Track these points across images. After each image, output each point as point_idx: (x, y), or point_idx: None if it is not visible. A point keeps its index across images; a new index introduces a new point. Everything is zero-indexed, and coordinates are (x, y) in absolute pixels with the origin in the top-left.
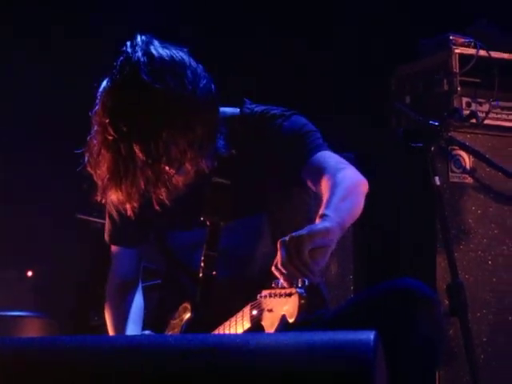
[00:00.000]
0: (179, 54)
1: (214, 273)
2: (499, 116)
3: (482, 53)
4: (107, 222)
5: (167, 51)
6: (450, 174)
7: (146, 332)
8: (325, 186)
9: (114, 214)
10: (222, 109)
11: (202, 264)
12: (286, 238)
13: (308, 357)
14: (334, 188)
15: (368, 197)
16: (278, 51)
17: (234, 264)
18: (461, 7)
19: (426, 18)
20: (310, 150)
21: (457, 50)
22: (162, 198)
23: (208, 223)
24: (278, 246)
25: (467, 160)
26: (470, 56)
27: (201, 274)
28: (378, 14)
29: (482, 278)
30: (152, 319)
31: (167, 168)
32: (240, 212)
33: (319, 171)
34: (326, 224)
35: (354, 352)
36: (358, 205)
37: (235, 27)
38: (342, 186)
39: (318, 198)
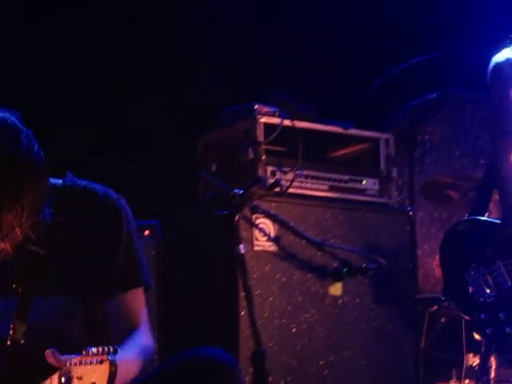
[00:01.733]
0: (11, 119)
1: (22, 341)
2: (303, 185)
3: (287, 122)
4: None
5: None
6: (255, 242)
7: None
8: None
9: None
10: None
11: (11, 332)
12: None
13: None
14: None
15: (173, 263)
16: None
17: (44, 336)
18: (262, 78)
19: (232, 86)
20: (131, 281)
21: (262, 119)
22: None
23: (20, 291)
24: None
25: (272, 228)
26: (275, 125)
27: (9, 342)
28: (186, 80)
29: (287, 345)
30: None
31: None
32: (53, 286)
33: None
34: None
35: None
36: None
37: None
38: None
39: None
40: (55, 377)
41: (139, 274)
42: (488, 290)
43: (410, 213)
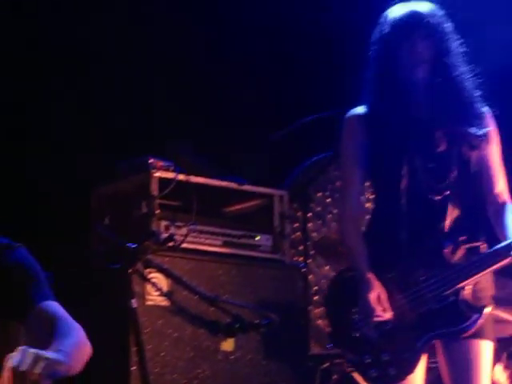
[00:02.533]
0: None
1: None
2: (197, 239)
3: (181, 177)
4: None
5: None
6: (147, 296)
7: None
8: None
9: None
10: None
11: None
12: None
13: None
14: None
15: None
16: None
17: None
18: (158, 130)
19: (126, 139)
20: (40, 296)
21: (156, 174)
22: None
23: None
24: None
25: (164, 283)
26: (170, 179)
27: None
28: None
29: None
30: None
31: None
32: None
33: (50, 320)
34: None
35: None
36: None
37: None
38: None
39: None
40: None
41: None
42: (371, 332)
43: (303, 269)
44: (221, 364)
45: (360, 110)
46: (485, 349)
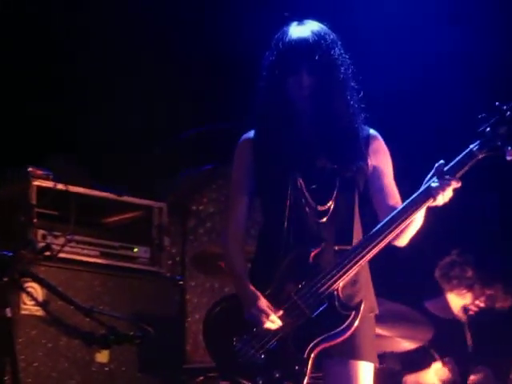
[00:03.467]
0: None
1: None
2: (74, 250)
3: (60, 186)
4: None
5: None
6: (22, 305)
7: None
8: None
9: None
10: None
11: None
12: None
13: None
14: None
15: None
16: None
17: None
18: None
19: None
20: None
21: (35, 182)
22: None
23: None
24: None
25: (40, 292)
26: (48, 189)
27: None
28: None
29: None
30: None
31: None
32: None
33: None
34: None
35: None
36: None
37: None
38: None
39: None
40: None
41: None
42: (258, 354)
43: (181, 282)
44: (95, 375)
45: (251, 133)
46: (364, 370)
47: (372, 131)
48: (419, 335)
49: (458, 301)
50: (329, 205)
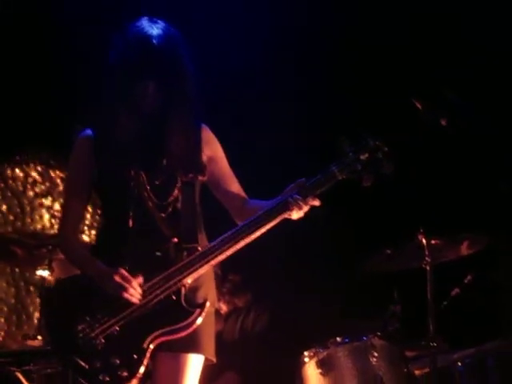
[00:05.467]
0: None
1: None
2: None
3: None
4: None
5: None
6: None
7: None
8: None
9: None
10: None
11: None
12: None
13: None
14: None
15: None
16: None
17: None
18: None
19: None
20: None
21: None
22: None
23: None
24: None
25: None
26: None
27: None
28: None
29: None
30: None
31: None
32: None
33: None
34: None
35: None
36: None
37: None
38: None
39: None
40: None
41: None
42: (98, 338)
43: None
44: None
45: (89, 131)
46: (193, 362)
47: (203, 125)
48: None
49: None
50: (171, 200)
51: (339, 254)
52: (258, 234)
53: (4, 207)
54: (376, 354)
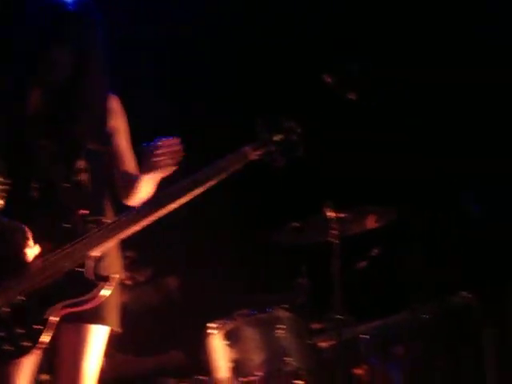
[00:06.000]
0: None
1: None
2: None
3: None
4: None
5: None
6: None
7: None
8: None
9: None
10: None
11: None
12: None
13: None
14: None
15: None
16: None
17: None
18: None
19: None
20: None
21: None
22: None
23: None
24: None
25: None
26: None
27: None
28: None
29: None
30: None
31: None
32: None
33: None
34: None
35: None
36: None
37: None
38: None
39: None
40: None
41: None
42: (2, 307)
43: None
44: None
45: None
46: (97, 333)
47: (112, 94)
48: None
49: None
50: (76, 170)
51: (246, 227)
52: (169, 208)
53: None
54: (282, 326)
